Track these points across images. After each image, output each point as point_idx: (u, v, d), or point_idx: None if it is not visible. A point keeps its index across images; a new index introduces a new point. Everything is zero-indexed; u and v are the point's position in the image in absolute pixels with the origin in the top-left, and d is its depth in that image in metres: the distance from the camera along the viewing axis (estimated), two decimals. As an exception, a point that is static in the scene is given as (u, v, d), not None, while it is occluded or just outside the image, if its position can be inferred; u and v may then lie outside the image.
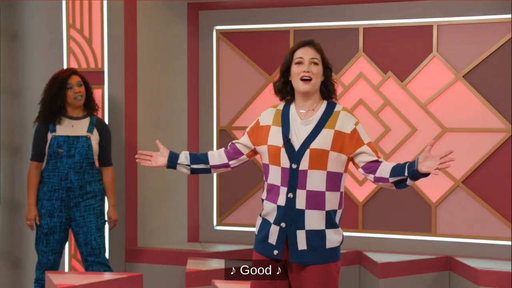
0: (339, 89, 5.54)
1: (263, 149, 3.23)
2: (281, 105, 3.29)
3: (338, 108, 3.19)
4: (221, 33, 6.18)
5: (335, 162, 3.12)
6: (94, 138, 4.81)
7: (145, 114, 5.74)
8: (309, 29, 5.93)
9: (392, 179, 3.06)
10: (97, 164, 4.88)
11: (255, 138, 3.29)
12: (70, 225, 4.82)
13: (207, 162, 3.38)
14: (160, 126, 5.89)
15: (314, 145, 3.10)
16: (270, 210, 3.19)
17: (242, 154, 3.36)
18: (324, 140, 3.10)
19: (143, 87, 5.73)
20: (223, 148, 3.43)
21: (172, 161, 3.40)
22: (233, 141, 3.41)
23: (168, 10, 5.94)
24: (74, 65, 5.53)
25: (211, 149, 5.96)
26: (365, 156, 3.13)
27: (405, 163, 3.03)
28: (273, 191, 3.19)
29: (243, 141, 3.36)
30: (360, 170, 3.18)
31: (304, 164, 3.09)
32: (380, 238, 5.82)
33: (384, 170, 3.09)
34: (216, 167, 3.39)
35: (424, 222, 5.72)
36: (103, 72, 5.49)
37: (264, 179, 3.26)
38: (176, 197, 6.08)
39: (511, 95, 5.48)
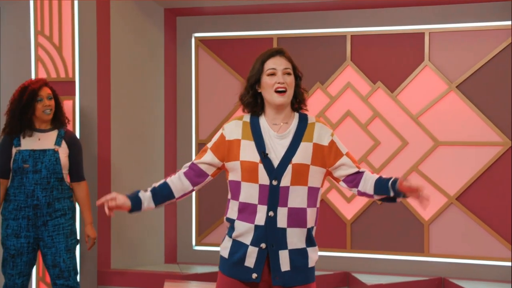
0: (325, 101, 5.75)
1: (234, 165, 3.12)
2: (246, 117, 3.19)
3: (311, 119, 3.16)
4: (200, 40, 6.11)
5: (315, 176, 3.08)
6: (63, 151, 4.66)
7: (119, 126, 5.65)
8: (293, 37, 5.90)
9: (377, 197, 3.07)
10: (67, 179, 4.72)
11: (222, 154, 3.15)
12: (38, 245, 4.67)
13: (172, 197, 3.23)
14: (135, 140, 5.83)
15: (295, 159, 3.04)
16: (245, 230, 3.10)
17: (207, 175, 3.21)
18: (304, 154, 3.06)
19: (117, 98, 5.64)
20: (181, 171, 3.23)
21: (137, 208, 3.22)
22: (194, 162, 3.21)
23: (144, 16, 5.87)
24: (42, 74, 5.44)
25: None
26: (346, 168, 3.11)
27: (388, 180, 3.02)
28: (248, 210, 3.09)
29: (207, 160, 3.19)
30: (342, 183, 3.16)
31: (285, 181, 3.03)
32: (369, 258, 5.76)
33: (368, 184, 3.08)
34: (181, 197, 3.25)
35: (416, 241, 5.67)
36: (74, 82, 5.42)
37: (230, 197, 3.17)
38: (153, 215, 5.92)
39: (510, 106, 5.47)
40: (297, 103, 3.17)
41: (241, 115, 3.19)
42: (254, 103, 3.15)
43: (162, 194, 3.20)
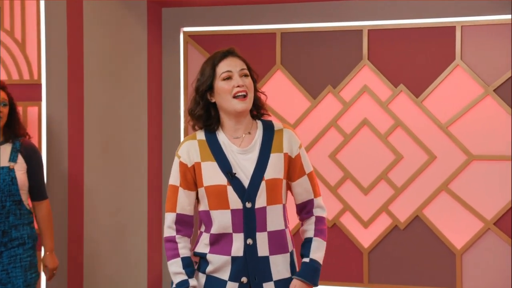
0: (337, 107, 5.62)
1: (199, 193, 3.08)
2: (200, 135, 3.12)
3: (278, 126, 3.13)
4: (189, 36, 5.94)
5: (285, 191, 3.10)
6: (20, 167, 4.42)
7: (93, 137, 5.41)
8: (300, 31, 5.72)
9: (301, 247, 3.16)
10: (27, 201, 4.50)
11: (191, 185, 3.08)
12: (-11, 283, 4.47)
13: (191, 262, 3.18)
14: (113, 153, 5.60)
15: (268, 175, 3.00)
16: (221, 264, 3.03)
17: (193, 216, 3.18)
18: (276, 167, 3.03)
19: (91, 104, 5.40)
20: (176, 237, 3.14)
21: None
22: (176, 219, 3.11)
23: (124, 8, 5.67)
24: (2, 76, 5.22)
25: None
26: (302, 192, 3.13)
27: (303, 254, 3.11)
28: (222, 241, 3.04)
29: (187, 203, 3.10)
30: (296, 202, 3.20)
31: (260, 201, 2.99)
32: (391, 294, 5.60)
33: (305, 231, 3.14)
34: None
35: (446, 274, 5.44)
36: (40, 85, 5.19)
37: (203, 229, 3.12)
38: (134, 242, 5.78)
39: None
40: (256, 109, 3.13)
41: (193, 134, 3.15)
42: (207, 116, 3.10)
43: (192, 265, 3.14)
